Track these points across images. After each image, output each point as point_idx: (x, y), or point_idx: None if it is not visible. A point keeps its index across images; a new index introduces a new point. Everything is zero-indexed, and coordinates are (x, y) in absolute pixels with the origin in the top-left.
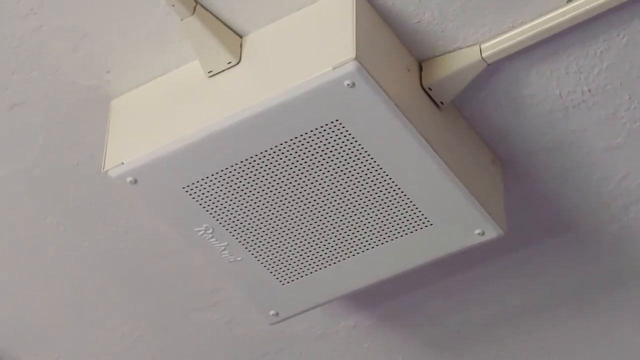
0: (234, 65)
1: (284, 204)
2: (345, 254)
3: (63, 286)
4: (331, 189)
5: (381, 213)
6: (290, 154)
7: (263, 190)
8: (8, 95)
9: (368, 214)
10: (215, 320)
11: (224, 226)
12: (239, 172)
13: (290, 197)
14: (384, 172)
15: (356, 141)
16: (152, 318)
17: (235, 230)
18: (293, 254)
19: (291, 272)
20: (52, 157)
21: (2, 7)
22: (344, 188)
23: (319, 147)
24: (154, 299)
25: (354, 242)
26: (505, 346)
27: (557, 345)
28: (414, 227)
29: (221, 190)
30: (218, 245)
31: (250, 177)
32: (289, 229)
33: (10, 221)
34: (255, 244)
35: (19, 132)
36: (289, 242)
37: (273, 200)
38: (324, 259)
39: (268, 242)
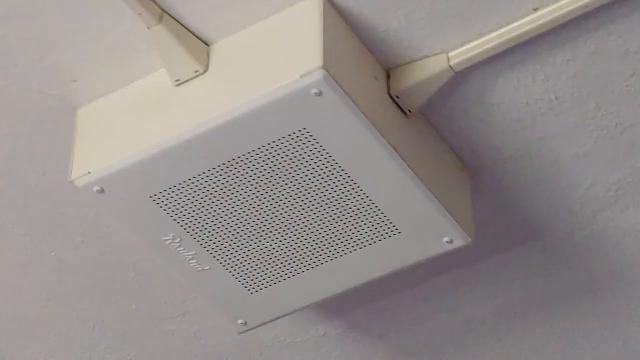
0: (201, 74)
1: (251, 213)
2: (314, 262)
3: (29, 297)
4: (299, 197)
5: (349, 221)
6: (258, 163)
7: (231, 198)
8: None
9: (336, 222)
10: (184, 330)
11: (191, 235)
12: (206, 181)
13: (258, 205)
14: (352, 180)
15: (324, 149)
16: (120, 328)
17: (203, 239)
18: (261, 263)
19: (259, 281)
20: (19, 167)
21: None
22: (312, 196)
23: (287, 155)
24: (122, 308)
25: (323, 250)
26: (474, 353)
27: (526, 352)
28: (382, 235)
29: (188, 199)
30: (186, 254)
31: (217, 186)
32: (257, 238)
33: None
34: (223, 252)
35: None
36: (257, 251)
37: (241, 208)
38: (292, 267)
39: (236, 251)
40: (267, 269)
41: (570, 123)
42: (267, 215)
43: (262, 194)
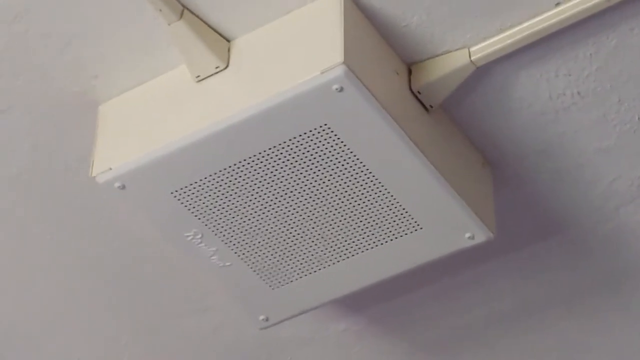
0: (222, 70)
1: (273, 209)
2: (335, 258)
3: (50, 292)
4: (320, 193)
5: (371, 217)
6: (279, 159)
7: (252, 194)
8: None
9: (357, 218)
10: (205, 326)
11: (213, 231)
12: (227, 177)
13: (280, 201)
14: (373, 176)
15: (345, 145)
16: (141, 323)
17: (224, 235)
18: (283, 259)
19: (281, 277)
20: (40, 163)
21: None
22: (333, 192)
23: (308, 151)
24: (143, 304)
25: (344, 246)
26: (496, 349)
27: (548, 347)
28: (403, 230)
29: (210, 195)
30: (207, 251)
31: (238, 182)
32: (278, 234)
33: None
34: (245, 248)
35: (5, 139)
36: (278, 247)
37: (262, 204)
38: (313, 263)
39: (257, 247)
40: (288, 265)
41: (593, 118)
42: (289, 211)
43: (283, 191)
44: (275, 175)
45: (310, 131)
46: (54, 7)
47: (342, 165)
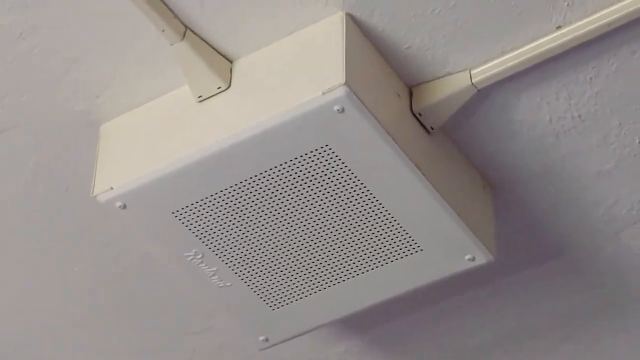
0: (224, 90)
1: (273, 229)
2: (336, 279)
3: (53, 311)
4: (321, 214)
5: (371, 238)
6: (280, 179)
7: (252, 215)
8: None
9: (358, 239)
10: (207, 345)
11: (213, 251)
12: (228, 197)
13: (280, 222)
14: (374, 197)
15: (346, 166)
16: (144, 342)
17: (224, 256)
18: (283, 279)
19: (281, 298)
20: (42, 182)
21: None
22: (334, 213)
23: (309, 172)
24: (146, 323)
25: (345, 267)
26: None
27: None
28: (404, 252)
29: (210, 215)
30: (208, 271)
31: (239, 202)
32: (279, 254)
33: None
34: (245, 269)
35: (8, 157)
36: (279, 268)
37: (263, 225)
38: (314, 284)
39: (258, 268)
40: (288, 285)
41: (593, 141)
42: (289, 232)
43: (284, 211)
44: (276, 196)
45: (312, 152)
46: (58, 27)
47: (343, 186)
